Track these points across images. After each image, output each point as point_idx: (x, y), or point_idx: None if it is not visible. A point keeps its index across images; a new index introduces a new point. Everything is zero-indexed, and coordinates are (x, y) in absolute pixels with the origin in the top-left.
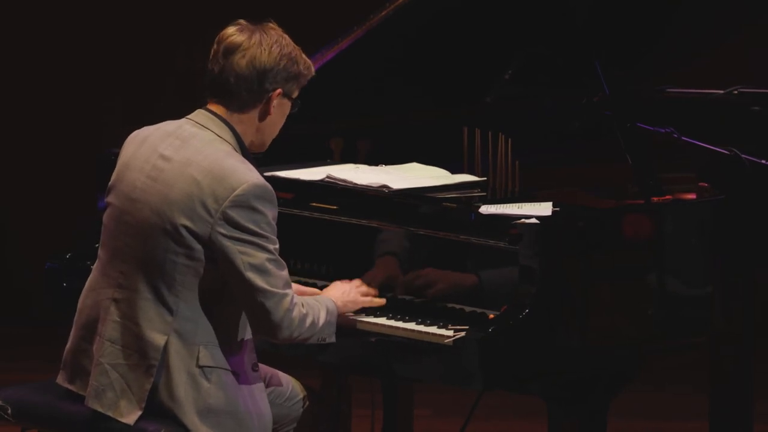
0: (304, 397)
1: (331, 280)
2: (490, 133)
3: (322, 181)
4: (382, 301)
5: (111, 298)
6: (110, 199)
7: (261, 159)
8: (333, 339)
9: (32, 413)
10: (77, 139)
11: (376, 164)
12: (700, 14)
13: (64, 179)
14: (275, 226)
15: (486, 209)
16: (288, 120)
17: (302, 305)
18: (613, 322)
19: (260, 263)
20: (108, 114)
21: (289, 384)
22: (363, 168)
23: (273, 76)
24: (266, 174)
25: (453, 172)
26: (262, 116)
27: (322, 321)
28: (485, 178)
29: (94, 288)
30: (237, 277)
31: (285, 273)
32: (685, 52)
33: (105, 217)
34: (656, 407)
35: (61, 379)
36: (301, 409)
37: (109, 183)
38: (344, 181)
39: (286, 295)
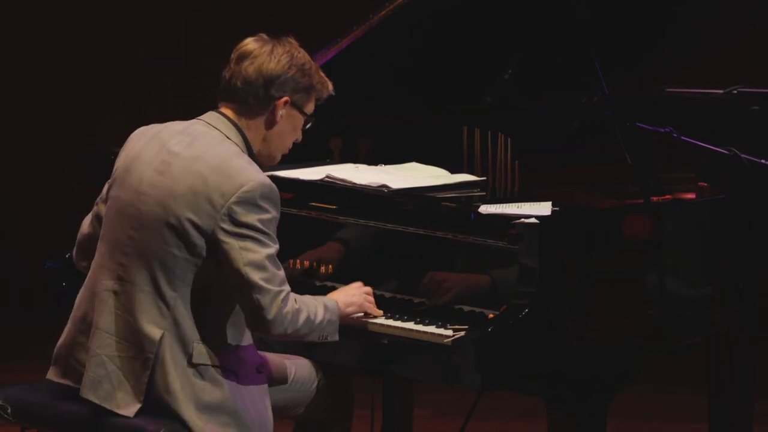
0: (315, 378)
1: (331, 280)
2: (490, 133)
3: (321, 180)
4: (379, 312)
5: (110, 290)
6: (114, 191)
7: None
8: (336, 337)
9: (32, 413)
10: (77, 140)
11: (376, 164)
12: (700, 14)
13: (64, 179)
14: (275, 229)
15: (486, 209)
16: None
17: (295, 301)
18: (613, 322)
19: (260, 260)
20: (108, 114)
21: (292, 368)
22: (362, 168)
23: (280, 84)
24: (266, 173)
25: (453, 172)
26: (269, 124)
27: (320, 318)
28: (485, 178)
29: (93, 280)
30: (235, 272)
31: (282, 273)
32: (685, 52)
33: (107, 209)
34: (656, 408)
35: (53, 375)
36: (311, 391)
37: (113, 176)
38: (344, 180)
39: (281, 291)
